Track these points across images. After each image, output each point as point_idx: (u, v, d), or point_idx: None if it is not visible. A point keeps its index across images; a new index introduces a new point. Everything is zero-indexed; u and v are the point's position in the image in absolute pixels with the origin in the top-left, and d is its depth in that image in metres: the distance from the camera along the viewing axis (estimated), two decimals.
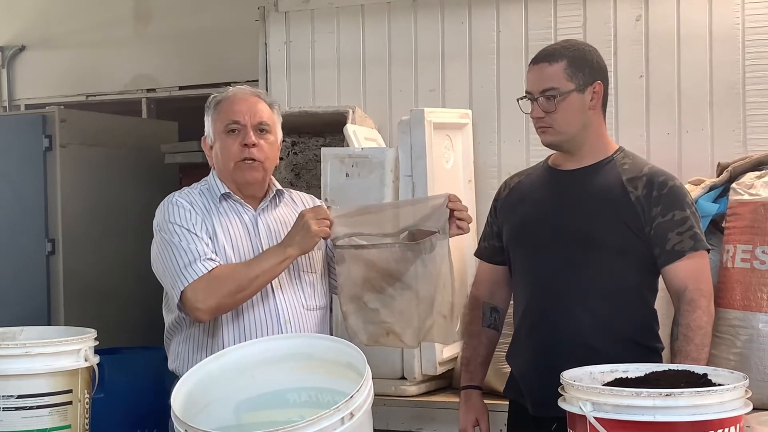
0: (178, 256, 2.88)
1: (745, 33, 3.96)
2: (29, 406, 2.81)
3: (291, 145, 4.66)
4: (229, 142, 2.98)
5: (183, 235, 2.90)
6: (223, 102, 3.03)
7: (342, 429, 2.31)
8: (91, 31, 6.59)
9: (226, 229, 2.97)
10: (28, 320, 4.31)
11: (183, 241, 2.89)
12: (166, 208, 2.97)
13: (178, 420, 2.39)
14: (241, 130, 2.97)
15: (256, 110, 2.99)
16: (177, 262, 2.87)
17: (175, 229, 2.92)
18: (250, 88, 3.08)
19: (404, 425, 3.71)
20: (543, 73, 2.98)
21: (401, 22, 4.52)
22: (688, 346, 2.86)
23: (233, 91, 3.05)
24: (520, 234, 3.10)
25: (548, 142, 3.04)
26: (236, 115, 2.98)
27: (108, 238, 5.60)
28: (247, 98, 3.02)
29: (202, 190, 3.04)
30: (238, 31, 5.81)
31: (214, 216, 2.97)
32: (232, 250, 2.94)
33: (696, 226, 2.95)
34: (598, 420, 2.30)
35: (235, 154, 2.97)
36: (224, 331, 2.91)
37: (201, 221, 2.94)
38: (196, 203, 2.99)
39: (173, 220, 2.93)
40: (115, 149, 5.76)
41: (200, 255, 2.86)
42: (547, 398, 2.62)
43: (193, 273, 2.84)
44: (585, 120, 3.00)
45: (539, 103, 2.98)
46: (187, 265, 2.85)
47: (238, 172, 2.98)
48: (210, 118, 3.05)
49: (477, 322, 3.22)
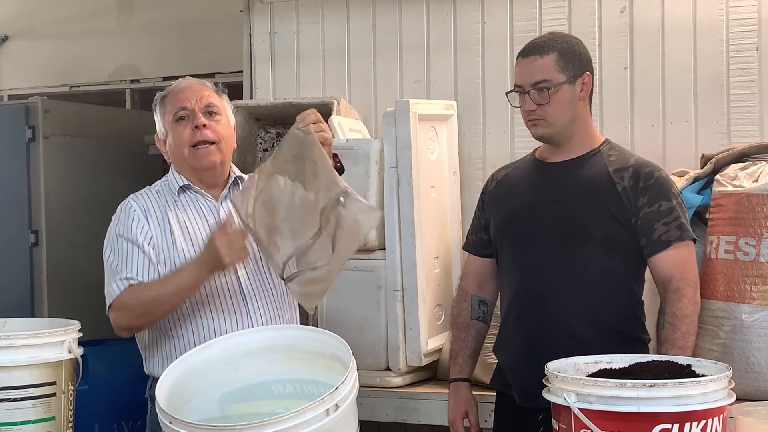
0: (109, 271, 2.93)
1: (729, 25, 3.96)
2: (13, 398, 2.80)
3: (276, 136, 4.65)
4: (180, 129, 2.96)
5: (117, 247, 2.92)
6: (169, 95, 3.02)
7: (327, 420, 2.31)
8: (75, 22, 6.56)
9: (184, 225, 2.95)
10: (12, 312, 4.28)
11: (113, 254, 2.92)
12: (117, 213, 2.99)
13: (162, 412, 2.39)
14: (189, 116, 2.96)
15: (202, 95, 2.99)
16: (107, 276, 2.93)
17: (112, 239, 2.95)
18: (194, 79, 3.08)
19: (389, 416, 3.71)
20: (534, 65, 2.98)
21: (386, 13, 4.51)
22: (674, 335, 2.88)
23: (177, 82, 3.06)
24: (508, 226, 3.10)
25: (540, 135, 3.03)
26: (182, 102, 2.97)
27: (92, 229, 5.54)
28: (191, 86, 3.02)
29: (161, 188, 3.03)
30: (222, 21, 5.80)
31: (171, 213, 2.95)
32: (192, 245, 2.92)
33: (682, 217, 2.97)
34: (583, 411, 2.31)
35: (186, 139, 2.95)
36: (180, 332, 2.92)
37: (145, 225, 2.93)
38: (150, 205, 2.97)
39: (117, 230, 2.95)
40: (98, 140, 5.74)
41: (123, 272, 2.88)
42: (533, 389, 2.63)
43: (112, 292, 2.89)
44: (574, 112, 3.01)
45: (531, 96, 2.98)
46: (109, 283, 2.91)
47: (193, 158, 2.96)
48: (158, 114, 3.04)
49: (465, 315, 3.23)
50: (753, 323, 3.31)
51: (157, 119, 3.05)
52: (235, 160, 3.12)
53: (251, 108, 4.44)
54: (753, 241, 3.34)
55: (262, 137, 4.62)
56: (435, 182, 3.91)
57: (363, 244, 3.68)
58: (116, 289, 2.88)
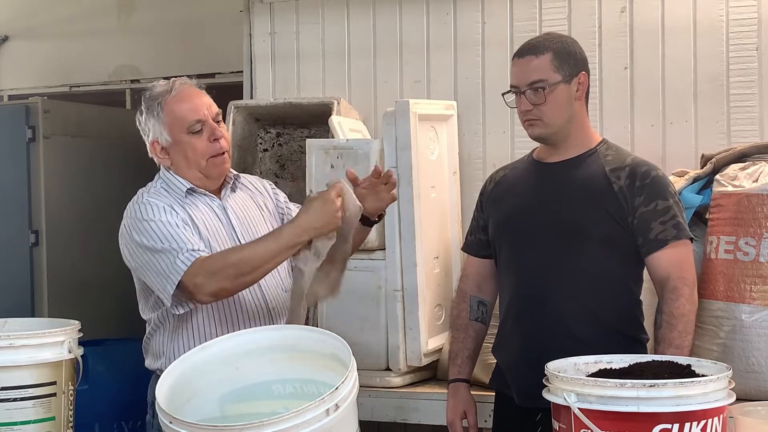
0: (163, 253, 2.79)
1: (729, 25, 3.97)
2: (13, 398, 2.80)
3: (276, 136, 4.65)
4: (196, 141, 2.92)
5: (164, 229, 2.82)
6: (171, 101, 2.93)
7: (327, 420, 2.31)
8: (75, 22, 6.55)
9: (202, 221, 2.93)
10: (12, 312, 4.29)
11: (153, 238, 2.80)
12: (137, 207, 2.89)
13: (163, 412, 2.39)
14: (204, 128, 2.93)
15: (209, 102, 2.98)
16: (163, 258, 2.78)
17: (152, 226, 2.83)
18: (189, 80, 3.01)
19: (389, 416, 3.72)
20: (529, 65, 2.99)
21: (386, 13, 4.51)
22: (671, 334, 2.88)
23: (177, 87, 2.96)
24: (506, 227, 3.10)
25: (536, 135, 3.04)
26: (196, 114, 2.92)
27: (92, 229, 5.57)
28: (198, 93, 2.98)
29: (162, 189, 2.96)
30: (222, 21, 5.79)
31: (187, 209, 2.92)
32: (215, 240, 2.91)
33: (679, 215, 2.97)
34: (582, 411, 2.31)
35: (206, 151, 2.93)
36: (208, 323, 2.89)
37: (176, 214, 2.87)
38: (169, 201, 2.91)
39: (149, 218, 2.84)
40: (98, 140, 5.73)
41: (183, 247, 2.78)
42: (532, 389, 2.63)
43: (182, 265, 2.76)
44: (571, 112, 3.01)
45: (527, 96, 2.98)
46: (173, 258, 2.77)
47: (211, 168, 2.95)
48: (158, 119, 2.94)
49: (464, 316, 3.23)
50: (753, 323, 3.31)
51: (152, 123, 2.95)
52: (235, 160, 3.12)
53: (251, 108, 4.45)
54: (753, 241, 3.34)
55: (262, 137, 4.62)
56: (435, 182, 3.91)
57: (363, 244, 3.69)
58: (184, 263, 2.74)
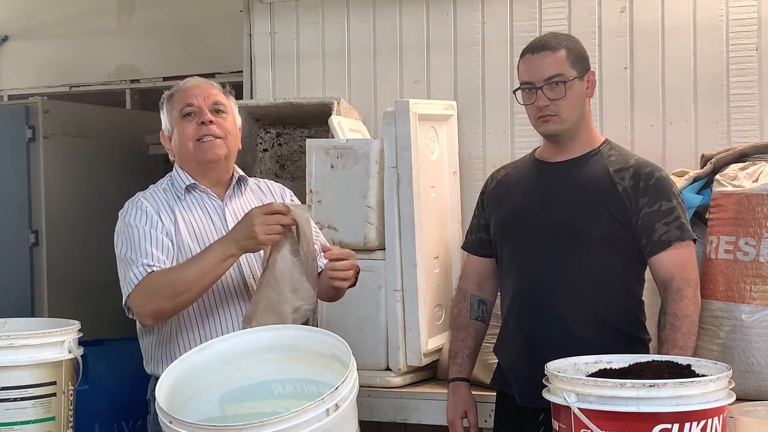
0: (124, 262, 2.86)
1: (729, 25, 3.97)
2: (13, 398, 2.80)
3: (276, 136, 4.65)
4: (185, 125, 2.97)
5: (130, 237, 2.87)
6: (176, 93, 3.03)
7: (327, 420, 2.31)
8: (75, 22, 6.56)
9: (190, 224, 2.94)
10: (12, 312, 4.28)
11: (126, 245, 2.86)
12: (127, 208, 2.95)
13: (163, 412, 2.39)
14: (196, 112, 2.96)
15: (209, 92, 3.00)
16: (123, 267, 2.86)
17: (127, 231, 2.89)
18: (202, 78, 3.08)
19: (389, 416, 3.71)
20: (545, 60, 2.97)
21: (386, 13, 4.51)
22: (675, 335, 2.88)
23: (185, 81, 3.06)
24: (508, 226, 3.10)
25: (551, 131, 3.01)
26: (189, 99, 2.98)
27: (92, 229, 5.57)
28: (199, 84, 3.04)
29: (167, 186, 3.01)
30: (222, 21, 5.80)
31: (177, 212, 2.94)
32: (198, 244, 2.91)
33: (682, 217, 2.97)
34: (582, 411, 2.31)
35: (192, 134, 2.95)
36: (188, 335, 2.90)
37: (158, 221, 2.90)
38: (160, 202, 2.95)
39: (127, 222, 2.91)
40: (98, 140, 5.73)
41: (139, 260, 2.83)
42: (534, 389, 2.63)
43: (131, 280, 2.82)
44: (583, 109, 3.02)
45: (544, 91, 2.97)
46: (126, 273, 2.84)
47: (198, 151, 2.95)
48: (165, 111, 3.04)
49: (464, 315, 3.23)
50: (753, 323, 3.31)
51: (163, 117, 3.05)
52: (235, 160, 3.12)
53: (251, 108, 4.44)
54: (753, 241, 3.34)
55: (262, 137, 4.62)
56: (435, 182, 3.91)
57: (363, 244, 3.70)
58: (135, 277, 2.81)
